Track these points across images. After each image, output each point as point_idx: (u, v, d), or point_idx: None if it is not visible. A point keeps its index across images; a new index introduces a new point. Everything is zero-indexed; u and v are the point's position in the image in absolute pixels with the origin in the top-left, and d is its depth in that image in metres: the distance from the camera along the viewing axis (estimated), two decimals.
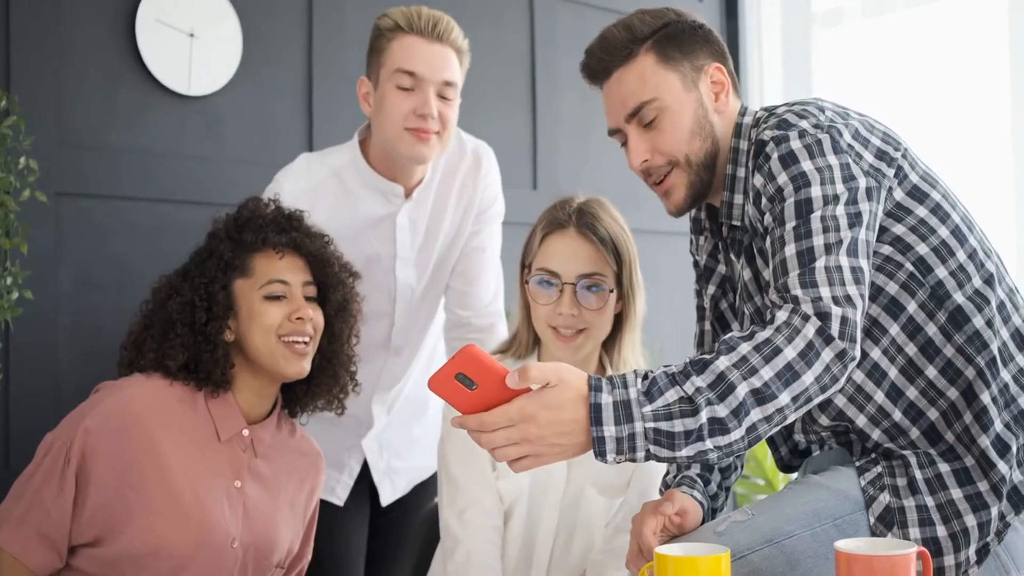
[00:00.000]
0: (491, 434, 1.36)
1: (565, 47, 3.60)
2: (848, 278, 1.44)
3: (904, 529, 1.51)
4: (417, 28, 2.12)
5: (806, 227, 1.48)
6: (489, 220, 2.36)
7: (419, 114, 2.11)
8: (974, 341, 1.53)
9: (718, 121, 1.69)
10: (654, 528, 1.60)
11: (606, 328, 1.92)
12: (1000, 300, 1.58)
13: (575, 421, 1.36)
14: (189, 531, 1.73)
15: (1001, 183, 3.59)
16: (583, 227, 1.89)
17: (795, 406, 1.39)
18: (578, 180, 3.47)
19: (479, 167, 2.33)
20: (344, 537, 2.36)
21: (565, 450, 1.37)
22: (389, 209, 2.23)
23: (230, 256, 1.84)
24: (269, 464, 1.86)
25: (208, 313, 1.81)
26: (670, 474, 1.78)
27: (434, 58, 2.12)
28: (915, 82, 3.75)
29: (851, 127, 1.57)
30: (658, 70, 1.66)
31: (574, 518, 1.90)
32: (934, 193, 1.59)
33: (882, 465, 1.56)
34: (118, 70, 2.72)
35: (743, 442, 1.37)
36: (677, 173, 1.68)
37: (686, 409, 1.36)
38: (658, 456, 1.36)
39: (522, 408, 1.35)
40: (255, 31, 2.93)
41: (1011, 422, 1.52)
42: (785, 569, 1.49)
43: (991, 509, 1.49)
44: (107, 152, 2.69)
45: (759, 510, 1.56)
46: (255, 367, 1.83)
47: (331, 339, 1.91)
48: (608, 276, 1.89)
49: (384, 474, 2.39)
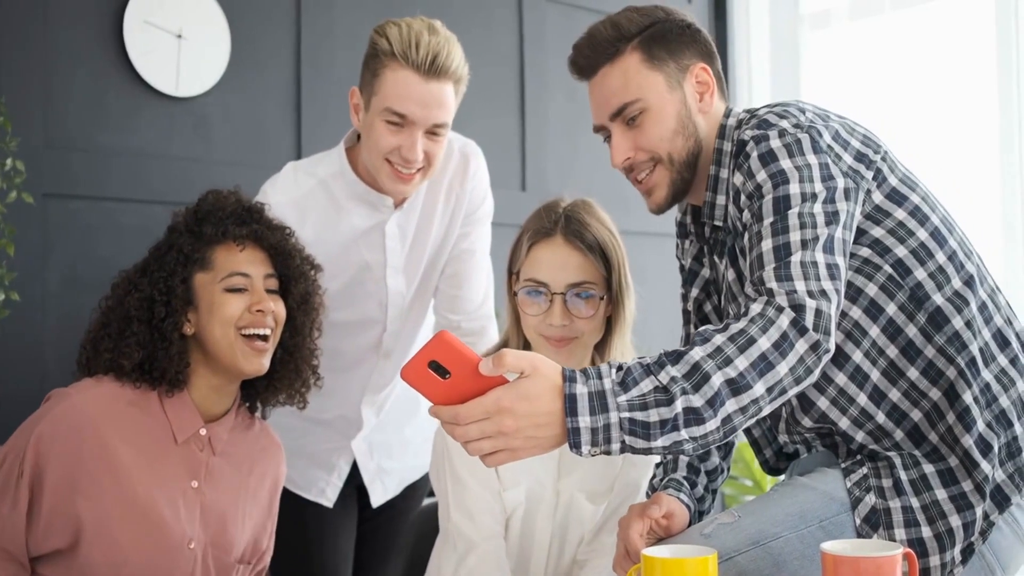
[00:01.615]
0: (465, 427, 1.33)
1: (554, 48, 3.60)
2: (823, 273, 1.45)
3: (890, 530, 1.51)
4: (413, 63, 2.00)
5: (783, 223, 1.49)
6: (478, 221, 2.33)
7: (403, 156, 2.05)
8: (954, 342, 1.54)
9: (702, 121, 1.69)
10: (641, 530, 1.61)
11: (597, 333, 1.90)
12: (981, 301, 1.58)
13: (550, 413, 1.34)
14: (144, 536, 1.71)
15: (988, 184, 3.60)
16: (570, 235, 1.86)
17: (769, 397, 1.38)
18: (567, 181, 3.47)
19: (467, 167, 2.29)
20: (332, 539, 2.35)
21: (540, 443, 1.35)
22: (378, 219, 2.20)
23: (190, 249, 1.81)
24: (227, 461, 1.84)
25: (167, 307, 1.77)
26: (656, 477, 1.78)
27: (428, 99, 2.02)
28: (903, 84, 3.76)
29: (831, 128, 1.58)
30: (642, 69, 1.67)
31: (566, 526, 1.90)
32: (913, 196, 1.59)
33: (867, 467, 1.57)
34: (106, 71, 2.72)
35: (718, 433, 1.36)
36: (659, 171, 1.69)
37: (661, 399, 1.34)
38: (633, 447, 1.35)
39: (498, 400, 1.32)
40: (243, 32, 2.93)
41: (992, 421, 1.53)
42: (772, 571, 1.49)
43: (975, 509, 1.50)
44: (95, 153, 2.69)
45: (746, 512, 1.57)
46: (214, 363, 1.81)
47: (293, 332, 1.88)
48: (597, 283, 1.86)
49: (375, 475, 2.38)
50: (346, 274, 2.20)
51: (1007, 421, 1.54)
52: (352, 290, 2.22)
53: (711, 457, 1.79)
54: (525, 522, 1.89)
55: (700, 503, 1.74)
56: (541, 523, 1.89)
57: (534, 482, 1.88)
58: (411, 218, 2.24)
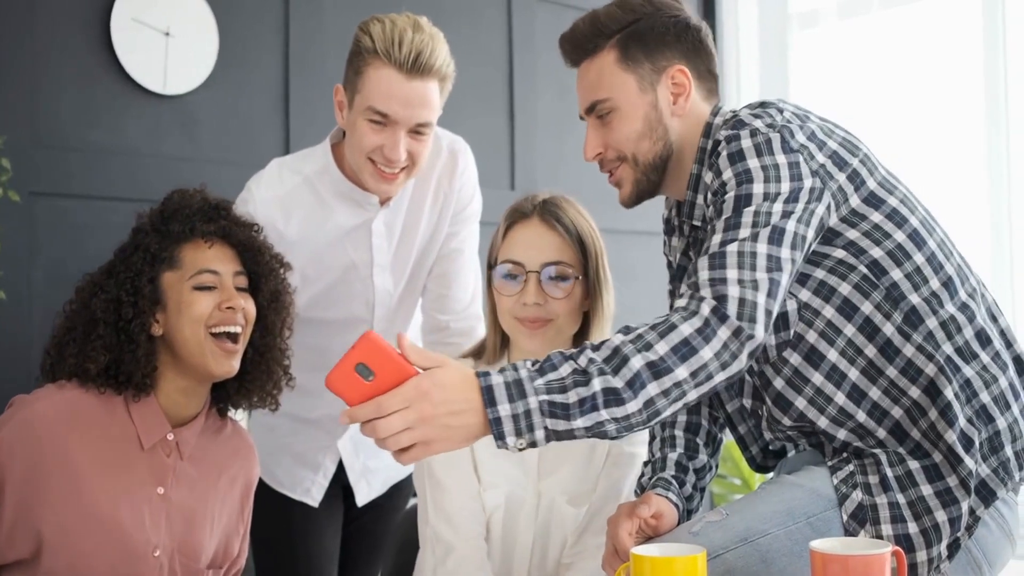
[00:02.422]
0: (388, 418, 1.34)
1: (543, 47, 3.60)
2: (760, 264, 1.45)
3: (876, 526, 1.52)
4: (396, 61, 1.96)
5: (736, 219, 1.49)
6: (466, 220, 2.31)
7: (386, 156, 2.02)
8: (931, 339, 1.55)
9: (676, 124, 1.69)
10: (630, 530, 1.61)
11: (573, 321, 1.88)
12: (961, 301, 1.59)
13: (467, 400, 1.35)
14: (106, 546, 1.68)
15: (975, 182, 3.62)
16: (547, 215, 1.86)
17: (694, 382, 1.39)
18: (556, 180, 3.47)
19: (455, 165, 2.26)
20: (318, 538, 2.34)
21: (456, 433, 1.36)
22: (364, 217, 2.18)
23: (157, 248, 1.77)
24: (196, 466, 1.81)
25: (134, 308, 1.73)
26: (645, 475, 1.78)
27: (411, 98, 1.99)
28: (891, 83, 3.77)
29: (807, 129, 1.58)
30: (616, 70, 1.68)
31: (547, 530, 1.89)
32: (891, 199, 1.59)
33: (854, 464, 1.57)
34: (93, 69, 2.70)
35: (641, 416, 1.38)
36: (624, 168, 1.71)
37: (580, 380, 1.36)
38: (556, 430, 1.36)
39: (417, 385, 1.34)
40: (231, 30, 2.92)
41: (973, 416, 1.54)
42: (760, 568, 1.50)
43: (960, 504, 1.51)
44: (82, 152, 2.67)
45: (733, 510, 1.57)
46: (183, 365, 1.76)
47: (263, 332, 1.84)
48: (573, 265, 1.85)
49: (360, 474, 2.37)
50: (332, 273, 2.19)
51: (988, 416, 1.55)
52: (339, 289, 2.21)
53: (699, 455, 1.79)
54: (506, 524, 1.88)
55: (689, 502, 1.74)
56: (523, 525, 1.88)
57: (514, 484, 1.87)
58: (398, 216, 2.22)
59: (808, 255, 1.56)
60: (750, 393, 1.70)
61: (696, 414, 1.83)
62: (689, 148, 1.69)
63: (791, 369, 1.60)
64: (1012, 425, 1.56)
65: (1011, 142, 3.56)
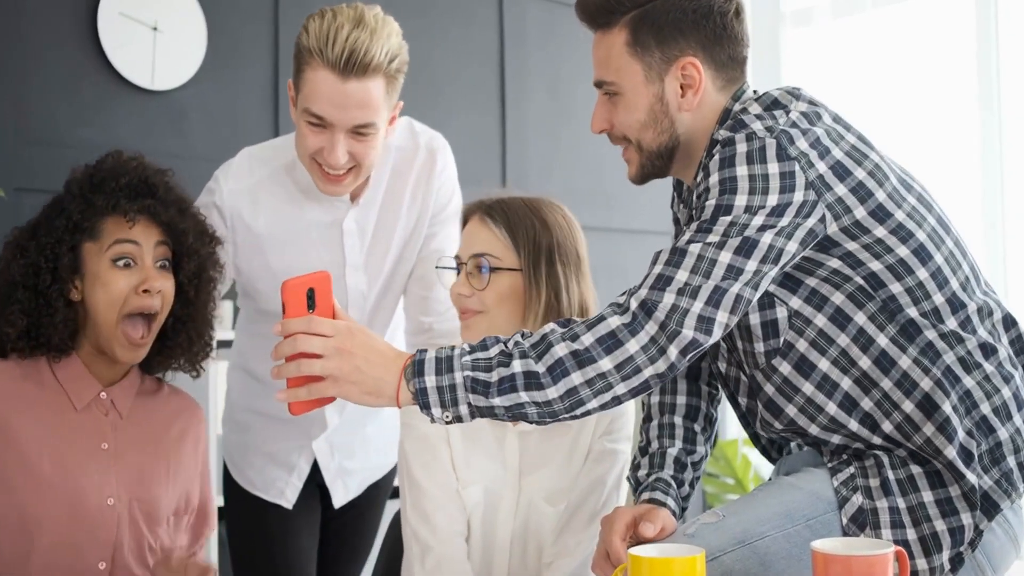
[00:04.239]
0: (309, 338, 1.41)
1: (535, 45, 3.59)
2: (716, 273, 1.42)
3: (876, 531, 1.49)
4: (328, 60, 1.85)
5: (709, 225, 1.46)
6: (446, 220, 2.22)
7: (325, 159, 1.94)
8: (927, 352, 1.51)
9: (684, 117, 1.61)
10: (623, 535, 1.57)
11: (509, 315, 1.86)
12: (965, 315, 1.54)
13: (389, 359, 1.43)
14: (57, 502, 1.69)
15: (968, 181, 3.61)
16: (484, 212, 1.88)
17: (620, 374, 1.40)
18: (547, 177, 3.46)
19: (433, 164, 2.17)
20: (295, 539, 2.30)
21: (365, 380, 1.42)
22: (334, 215, 2.11)
23: (79, 217, 1.76)
24: (137, 424, 1.82)
25: (52, 275, 1.74)
26: (642, 468, 1.73)
27: (344, 101, 1.88)
28: (884, 81, 3.77)
29: (812, 134, 1.50)
30: (624, 54, 1.60)
31: (526, 529, 1.88)
32: (899, 212, 1.52)
33: (855, 466, 1.54)
34: (80, 63, 2.68)
35: (563, 403, 1.41)
36: (630, 151, 1.66)
37: (503, 360, 1.42)
38: (478, 406, 1.42)
39: (348, 325, 1.44)
40: (220, 25, 2.89)
41: (973, 428, 1.50)
42: (759, 570, 1.47)
43: (960, 516, 1.48)
44: (69, 147, 2.65)
45: (729, 512, 1.54)
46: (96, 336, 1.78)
47: (184, 304, 1.83)
48: (500, 258, 1.84)
49: (336, 475, 2.32)
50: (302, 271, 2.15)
51: (988, 427, 1.51)
52: None
53: (697, 448, 1.76)
54: (485, 522, 1.87)
55: (684, 501, 1.72)
56: (502, 524, 1.87)
57: (492, 480, 1.86)
58: (370, 214, 2.15)
59: (798, 263, 1.52)
60: (746, 392, 1.67)
61: (696, 396, 1.79)
62: (701, 136, 1.63)
63: (780, 377, 1.57)
64: (1014, 436, 1.52)
65: (1004, 140, 3.56)
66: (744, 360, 1.61)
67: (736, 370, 1.65)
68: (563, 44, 3.80)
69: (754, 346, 1.57)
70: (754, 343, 1.56)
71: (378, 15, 1.93)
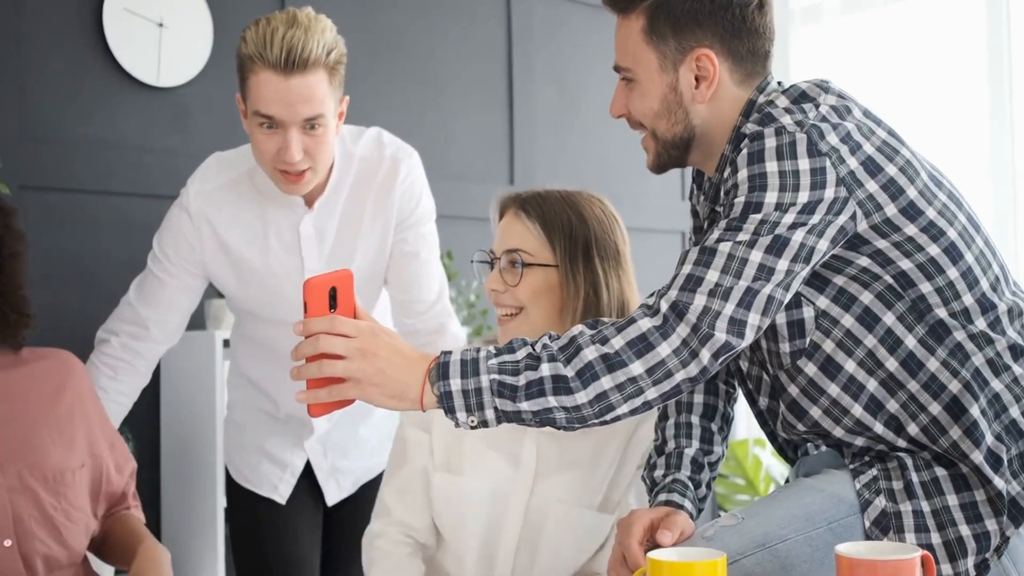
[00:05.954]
0: (331, 338, 1.36)
1: (542, 41, 3.57)
2: (747, 272, 1.39)
3: (900, 534, 1.47)
4: (269, 61, 1.94)
5: (739, 223, 1.42)
6: (414, 225, 2.25)
7: (283, 159, 2.00)
8: (956, 354, 1.48)
9: (699, 109, 1.58)
10: (641, 539, 1.55)
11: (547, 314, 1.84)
12: (995, 316, 1.51)
13: (411, 361, 1.39)
14: None
15: (979, 178, 3.60)
16: (518, 206, 1.87)
17: (651, 378, 1.37)
18: (555, 174, 3.44)
19: (396, 174, 2.20)
20: (292, 535, 2.32)
21: (388, 383, 1.38)
22: (292, 219, 2.16)
23: None
24: (5, 399, 1.78)
25: None
26: (658, 468, 1.70)
27: (290, 97, 1.95)
28: (894, 78, 3.75)
29: (842, 129, 1.47)
30: (640, 42, 1.57)
31: (537, 535, 1.83)
32: (929, 210, 1.49)
33: (877, 468, 1.52)
34: (85, 60, 2.67)
35: (592, 408, 1.37)
36: (647, 138, 1.64)
37: (531, 364, 1.38)
38: (504, 411, 1.38)
39: (372, 326, 1.39)
40: (226, 21, 2.88)
41: (1002, 433, 1.47)
42: (780, 574, 1.45)
43: (985, 522, 1.45)
44: (72, 144, 2.63)
45: (749, 514, 1.52)
46: None
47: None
48: (533, 254, 1.83)
49: (328, 474, 2.36)
50: (265, 275, 2.17)
51: (1018, 431, 1.48)
52: (273, 291, 2.18)
53: (714, 448, 1.73)
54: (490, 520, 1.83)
55: (702, 502, 1.69)
56: (509, 524, 1.83)
57: (501, 479, 1.83)
58: (330, 221, 2.18)
59: (827, 261, 1.49)
60: (767, 392, 1.64)
61: (714, 394, 1.76)
62: (721, 128, 1.59)
63: (806, 379, 1.54)
64: None
65: (1015, 138, 3.54)
66: (768, 360, 1.58)
67: (759, 369, 1.63)
68: (570, 41, 3.78)
69: (779, 346, 1.54)
70: (779, 343, 1.53)
71: (310, 14, 2.01)
